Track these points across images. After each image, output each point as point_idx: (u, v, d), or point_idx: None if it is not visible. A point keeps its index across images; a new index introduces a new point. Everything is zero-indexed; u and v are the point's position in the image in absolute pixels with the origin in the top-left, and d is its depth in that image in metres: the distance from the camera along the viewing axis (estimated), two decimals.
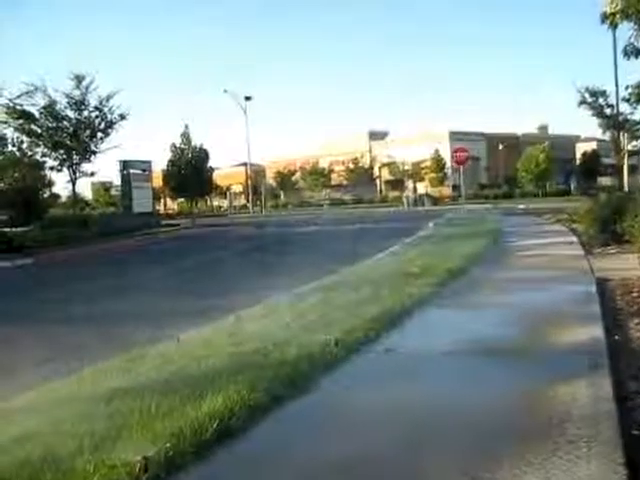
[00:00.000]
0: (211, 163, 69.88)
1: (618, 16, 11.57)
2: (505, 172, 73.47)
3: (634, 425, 4.43)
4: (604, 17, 12.34)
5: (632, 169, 45.59)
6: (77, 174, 40.54)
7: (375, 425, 4.59)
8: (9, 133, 39.00)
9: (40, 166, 41.75)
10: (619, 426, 4.22)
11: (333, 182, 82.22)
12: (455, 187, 70.66)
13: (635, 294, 9.06)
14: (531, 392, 5.06)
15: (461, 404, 4.93)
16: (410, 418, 4.68)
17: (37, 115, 39.25)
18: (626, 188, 30.15)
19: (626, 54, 11.82)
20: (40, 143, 39.90)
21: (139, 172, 46.09)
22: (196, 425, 4.33)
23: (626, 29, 12.29)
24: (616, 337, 6.76)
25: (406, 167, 76.65)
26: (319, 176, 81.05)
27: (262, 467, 4.03)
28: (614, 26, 13.33)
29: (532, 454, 3.81)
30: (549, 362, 5.87)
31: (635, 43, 11.65)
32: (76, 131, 39.60)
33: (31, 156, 41.01)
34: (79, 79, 39.53)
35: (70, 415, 4.80)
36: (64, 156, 39.80)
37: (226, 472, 3.96)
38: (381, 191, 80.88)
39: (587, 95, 35.43)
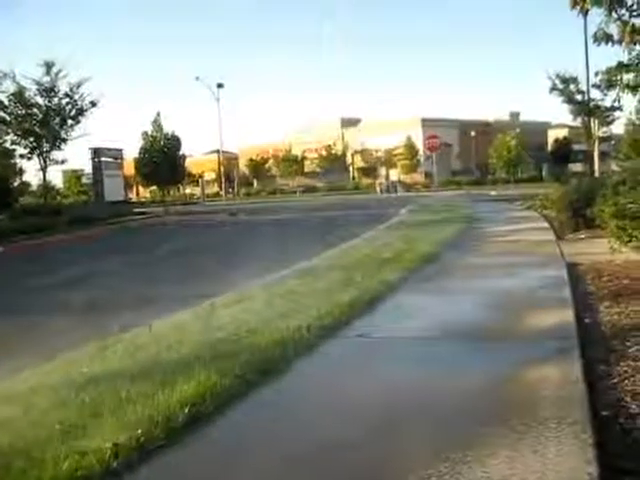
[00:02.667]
0: (183, 151, 69.55)
1: (588, 1, 11.58)
2: (477, 159, 73.83)
3: (603, 407, 4.47)
4: (574, 2, 12.36)
5: (603, 155, 45.97)
6: (47, 162, 40.12)
7: (345, 410, 4.59)
8: None
9: (9, 154, 41.23)
10: (589, 408, 4.25)
11: (306, 169, 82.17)
12: (427, 174, 70.93)
13: (605, 278, 9.14)
14: (501, 375, 5.09)
15: (432, 388, 4.96)
16: (382, 402, 4.69)
17: (6, 102, 38.78)
18: (597, 174, 30.37)
19: (596, 40, 11.82)
20: (9, 130, 39.42)
21: (110, 160, 45.79)
22: (167, 411, 4.31)
23: (596, 15, 12.32)
24: (586, 320, 6.82)
25: (379, 154, 76.82)
26: (292, 163, 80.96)
27: (232, 452, 4.02)
28: (585, 12, 13.36)
29: (503, 435, 3.83)
30: (520, 346, 5.91)
31: (605, 29, 11.66)
32: (46, 118, 39.17)
33: (0, 144, 40.49)
34: (49, 65, 39.08)
35: (41, 403, 4.76)
36: (34, 144, 39.37)
37: (196, 457, 3.94)
38: (354, 178, 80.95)
39: (558, 82, 35.68)
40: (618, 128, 55.68)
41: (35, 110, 39.31)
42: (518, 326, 6.64)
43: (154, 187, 75.72)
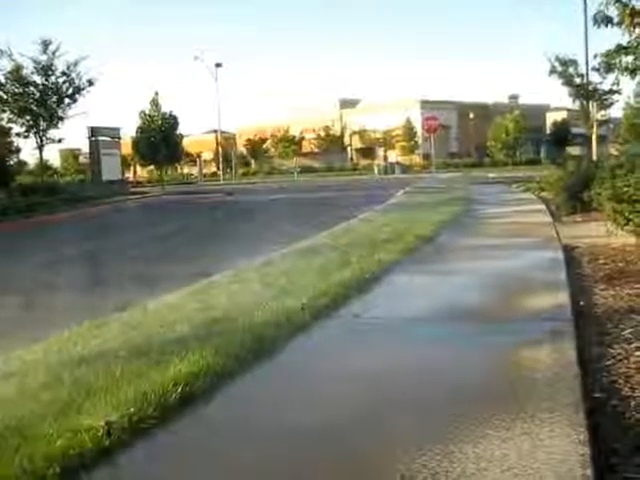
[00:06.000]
0: (181, 130, 69.25)
1: None
2: (476, 141, 73.63)
3: (596, 388, 4.49)
4: None
5: (601, 139, 45.88)
6: (44, 140, 40.00)
7: (338, 390, 4.59)
8: None
9: (6, 132, 41.09)
10: (582, 389, 4.26)
11: (304, 150, 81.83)
12: (426, 155, 70.75)
13: (601, 261, 9.15)
14: (496, 356, 5.10)
15: (428, 368, 4.97)
16: (376, 383, 4.69)
17: (2, 80, 38.62)
18: (595, 157, 30.31)
19: (596, 22, 11.79)
20: (6, 109, 39.27)
21: (108, 139, 45.64)
22: (160, 390, 4.30)
23: None
24: (581, 303, 6.83)
25: (377, 135, 76.56)
26: (290, 144, 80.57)
27: (225, 431, 4.03)
28: None
29: (496, 417, 3.83)
30: (516, 327, 5.92)
31: (605, 11, 11.62)
32: (43, 96, 39.01)
33: None
34: (46, 44, 38.87)
35: (35, 381, 4.76)
36: (31, 122, 39.22)
37: (189, 436, 3.94)
38: (352, 159, 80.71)
39: (557, 64, 35.50)
40: (617, 112, 55.55)
41: (32, 88, 39.15)
42: (513, 307, 6.65)
43: (151, 167, 75.49)
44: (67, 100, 40.05)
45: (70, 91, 40.03)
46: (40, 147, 40.47)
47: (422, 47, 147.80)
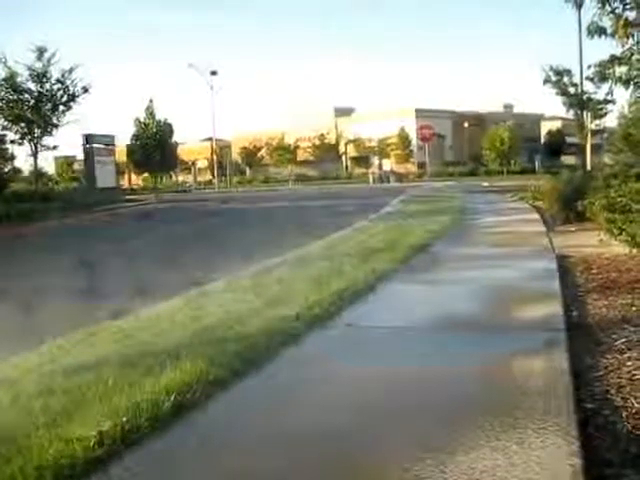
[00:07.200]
0: (176, 138, 69.43)
1: None
2: (470, 150, 73.82)
3: (588, 398, 4.49)
4: None
5: (595, 148, 45.99)
6: (39, 148, 40.00)
7: (333, 401, 4.59)
8: None
9: (0, 139, 41.07)
10: (574, 399, 4.27)
11: (299, 158, 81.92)
12: (420, 164, 70.93)
13: (594, 271, 9.16)
14: (489, 366, 5.09)
15: (420, 378, 4.96)
16: (368, 392, 4.69)
17: None
18: (589, 167, 30.38)
19: (590, 33, 11.82)
20: (0, 116, 39.27)
21: (102, 146, 45.66)
22: (153, 399, 4.30)
23: (590, 8, 12.30)
24: (574, 313, 6.83)
25: (372, 144, 76.73)
26: (285, 152, 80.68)
27: (217, 441, 4.02)
28: (579, 4, 13.39)
29: (488, 426, 3.84)
30: (508, 337, 5.93)
31: (599, 22, 11.65)
32: (37, 104, 39.03)
33: None
34: (41, 51, 38.92)
35: (27, 390, 4.74)
36: (25, 129, 39.22)
37: (181, 446, 3.93)
38: (347, 167, 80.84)
39: (552, 74, 35.61)
40: (611, 121, 55.75)
41: (26, 95, 39.17)
42: (506, 317, 6.66)
43: (146, 174, 75.52)
44: (62, 107, 40.07)
45: (65, 98, 40.05)
46: (34, 154, 40.47)
47: (417, 56, 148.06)
